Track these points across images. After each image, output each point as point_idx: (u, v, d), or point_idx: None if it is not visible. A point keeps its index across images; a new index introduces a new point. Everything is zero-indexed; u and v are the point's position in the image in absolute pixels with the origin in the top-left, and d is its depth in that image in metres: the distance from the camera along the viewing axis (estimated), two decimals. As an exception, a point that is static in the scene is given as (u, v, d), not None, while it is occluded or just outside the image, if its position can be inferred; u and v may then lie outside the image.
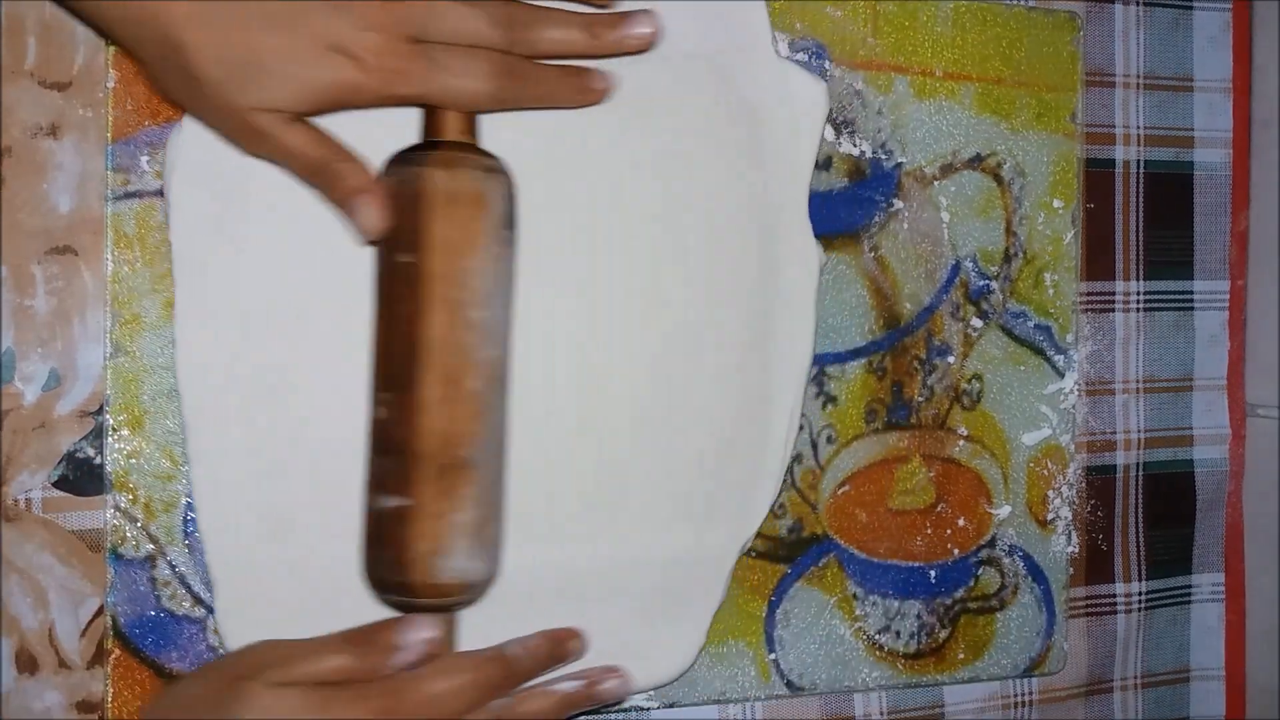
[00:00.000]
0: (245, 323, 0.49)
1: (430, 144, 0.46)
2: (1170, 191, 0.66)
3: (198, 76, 0.41)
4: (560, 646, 0.49)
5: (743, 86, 0.54)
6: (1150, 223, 0.65)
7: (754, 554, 0.57)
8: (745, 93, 0.54)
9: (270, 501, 0.49)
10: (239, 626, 0.49)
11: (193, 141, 0.47)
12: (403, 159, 0.46)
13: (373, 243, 0.46)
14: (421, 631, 0.45)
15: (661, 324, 0.53)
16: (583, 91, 0.48)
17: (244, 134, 0.43)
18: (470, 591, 0.47)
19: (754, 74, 0.54)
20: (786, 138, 0.55)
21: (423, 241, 0.45)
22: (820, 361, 0.58)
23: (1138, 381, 0.65)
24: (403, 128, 0.47)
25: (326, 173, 0.44)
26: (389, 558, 0.46)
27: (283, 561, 0.49)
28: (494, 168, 0.46)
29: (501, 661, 0.46)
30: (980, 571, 0.62)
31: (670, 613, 0.54)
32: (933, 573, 0.61)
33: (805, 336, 0.56)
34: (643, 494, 0.54)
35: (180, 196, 0.48)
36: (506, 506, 0.49)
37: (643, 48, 0.48)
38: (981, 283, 0.61)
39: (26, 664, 0.49)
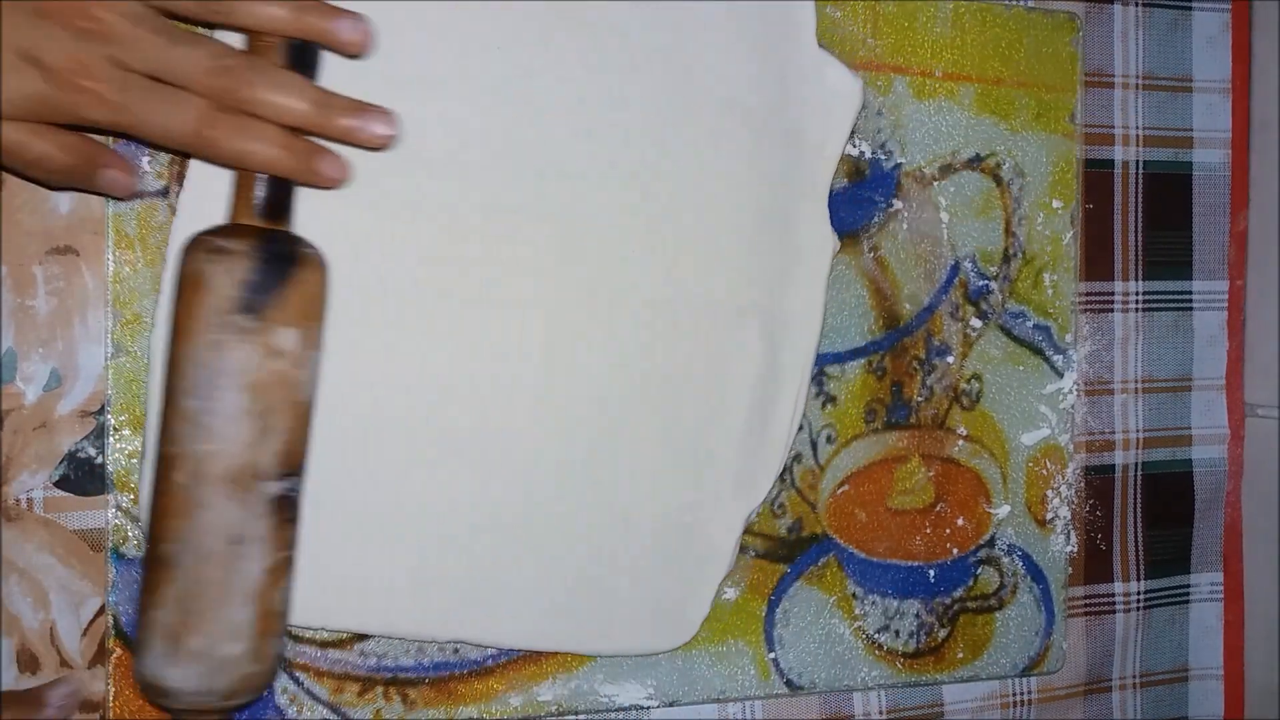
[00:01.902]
0: None
1: (217, 229, 0.44)
2: (1169, 192, 0.66)
3: None
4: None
5: (780, 72, 0.54)
6: (1149, 223, 0.65)
7: (754, 553, 0.57)
8: (782, 79, 0.54)
9: None
10: None
11: None
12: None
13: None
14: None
15: (676, 307, 0.54)
16: (306, 170, 0.44)
17: None
18: (171, 698, 0.43)
19: (794, 62, 0.55)
20: (817, 127, 0.55)
21: (171, 323, 0.44)
22: (820, 361, 0.58)
23: (1137, 381, 0.65)
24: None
25: (80, 168, 0.43)
26: None
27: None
28: (241, 251, 0.43)
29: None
30: (979, 571, 0.62)
31: (676, 580, 0.55)
32: (932, 572, 0.61)
33: (815, 317, 0.56)
34: (651, 462, 0.54)
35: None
36: (261, 618, 0.44)
37: (377, 147, 0.44)
38: (981, 283, 0.61)
39: (27, 664, 0.49)
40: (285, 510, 0.44)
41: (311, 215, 0.47)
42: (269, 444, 0.43)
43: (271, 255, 0.43)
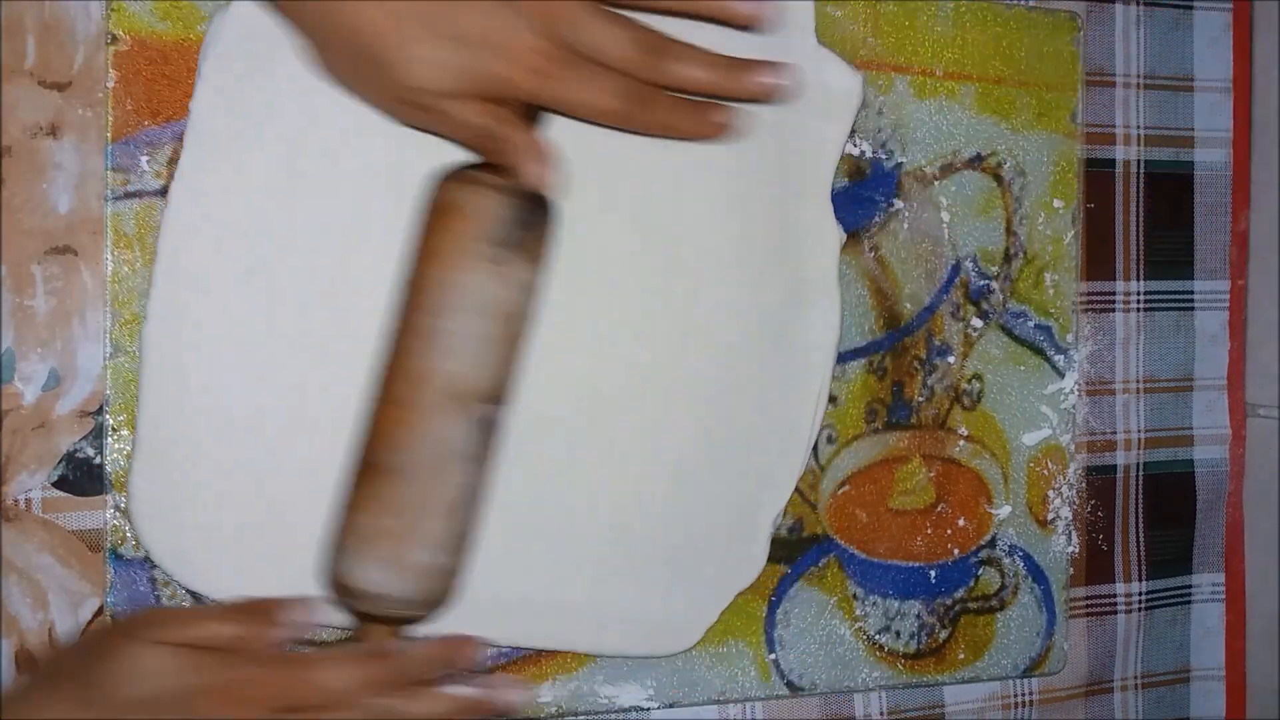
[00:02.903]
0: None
1: (477, 164, 0.46)
2: (1170, 191, 0.66)
3: (370, 60, 0.43)
4: (456, 651, 0.47)
5: None
6: (1150, 223, 0.65)
7: (754, 554, 0.57)
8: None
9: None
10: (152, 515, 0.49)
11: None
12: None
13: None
14: (302, 614, 0.45)
15: (690, 305, 0.54)
16: (701, 125, 0.48)
17: (405, 110, 0.45)
18: (361, 600, 0.45)
19: (793, 58, 0.54)
20: (818, 123, 0.55)
21: (416, 246, 0.46)
22: (820, 361, 0.58)
23: (1138, 381, 0.65)
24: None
25: (488, 141, 0.45)
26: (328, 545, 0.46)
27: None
28: (507, 188, 0.45)
29: (389, 659, 0.45)
30: (980, 571, 0.62)
31: (707, 581, 0.55)
32: (933, 573, 0.61)
33: (832, 312, 0.56)
34: (676, 465, 0.54)
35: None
36: (454, 535, 0.46)
37: (772, 97, 0.48)
38: (982, 283, 0.61)
39: (26, 664, 0.49)
40: (494, 435, 0.47)
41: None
42: (494, 369, 0.46)
43: (530, 196, 0.46)
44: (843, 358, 0.58)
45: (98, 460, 0.50)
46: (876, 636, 0.60)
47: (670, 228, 0.54)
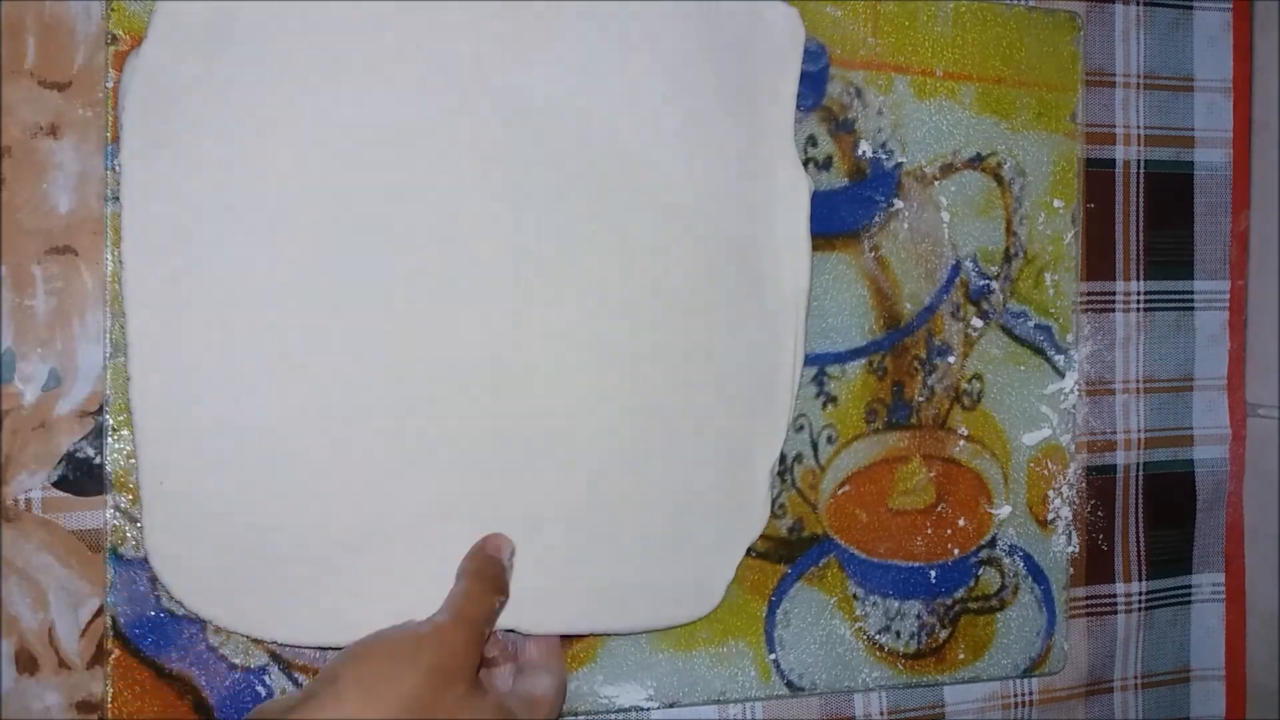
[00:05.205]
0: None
1: None
2: (1170, 191, 0.66)
3: None
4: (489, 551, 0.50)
5: (719, 25, 0.54)
6: (1150, 223, 0.65)
7: (754, 554, 0.57)
8: (722, 32, 0.54)
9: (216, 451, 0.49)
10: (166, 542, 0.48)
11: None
12: None
13: None
14: None
15: (661, 270, 0.53)
16: None
17: None
18: None
19: (729, 10, 0.54)
20: (768, 71, 0.55)
21: None
22: (820, 361, 0.58)
23: (1138, 381, 0.65)
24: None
25: None
26: None
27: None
28: None
29: None
30: (980, 571, 0.62)
31: (714, 541, 0.55)
32: (933, 573, 0.61)
33: (803, 262, 0.55)
34: (665, 428, 0.54)
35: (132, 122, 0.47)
36: None
37: None
38: (982, 283, 0.61)
39: (26, 664, 0.49)
40: None
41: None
42: None
43: None
44: (843, 358, 0.59)
45: (98, 460, 0.50)
46: (876, 636, 0.60)
47: (634, 190, 0.53)
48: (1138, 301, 0.65)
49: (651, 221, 0.53)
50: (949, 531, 0.61)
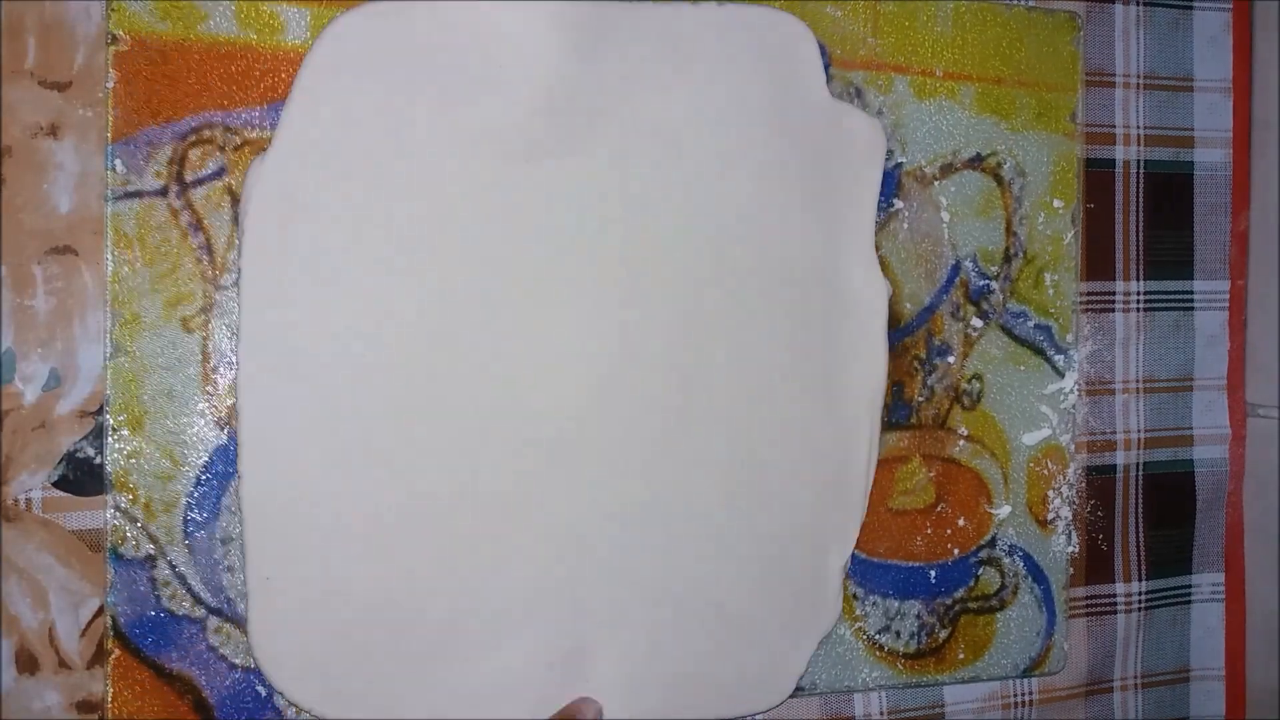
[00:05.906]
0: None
1: None
2: (1170, 191, 0.66)
3: None
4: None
5: (800, 133, 0.56)
6: (1150, 223, 0.65)
7: (754, 554, 0.57)
8: (803, 139, 0.56)
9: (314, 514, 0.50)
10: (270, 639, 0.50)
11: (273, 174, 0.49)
12: None
13: None
14: None
15: (740, 371, 0.55)
16: None
17: None
18: None
19: (810, 119, 0.56)
20: (848, 179, 0.57)
21: None
22: (820, 362, 0.58)
23: (1138, 381, 0.65)
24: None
25: None
26: None
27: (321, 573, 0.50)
28: None
29: None
30: (980, 571, 0.62)
31: (782, 633, 0.57)
32: (933, 573, 0.61)
33: (879, 365, 0.58)
34: (746, 523, 0.56)
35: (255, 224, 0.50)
36: None
37: None
38: (981, 283, 0.61)
39: (26, 664, 0.49)
40: None
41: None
42: None
43: None
44: (843, 358, 0.59)
45: (98, 460, 0.50)
46: (876, 636, 0.60)
47: (717, 292, 0.55)
48: (1137, 301, 0.65)
49: (735, 318, 0.55)
50: (949, 531, 0.61)
